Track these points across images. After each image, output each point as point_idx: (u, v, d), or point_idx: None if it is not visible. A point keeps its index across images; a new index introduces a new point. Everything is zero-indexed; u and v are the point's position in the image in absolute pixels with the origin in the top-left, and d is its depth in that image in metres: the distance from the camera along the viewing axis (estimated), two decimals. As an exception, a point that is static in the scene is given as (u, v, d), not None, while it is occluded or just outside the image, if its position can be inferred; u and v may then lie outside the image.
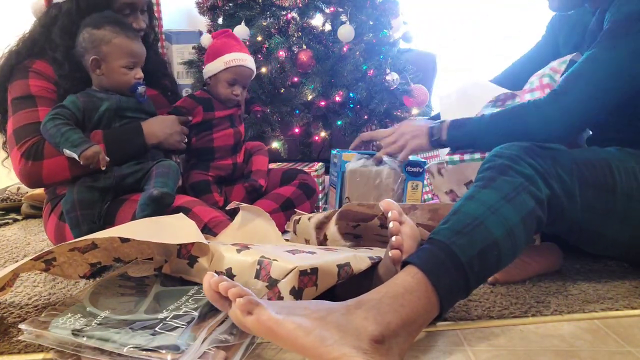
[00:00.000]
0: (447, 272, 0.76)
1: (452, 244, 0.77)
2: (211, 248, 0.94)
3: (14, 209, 2.11)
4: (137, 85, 1.27)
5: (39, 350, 0.84)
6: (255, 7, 1.88)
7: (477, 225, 0.80)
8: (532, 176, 0.88)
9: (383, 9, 1.93)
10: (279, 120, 1.81)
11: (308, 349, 0.66)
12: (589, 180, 0.95)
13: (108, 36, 1.23)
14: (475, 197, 0.85)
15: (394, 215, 0.84)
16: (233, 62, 1.46)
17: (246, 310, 0.69)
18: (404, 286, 0.74)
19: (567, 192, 0.92)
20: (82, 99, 1.23)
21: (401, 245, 0.82)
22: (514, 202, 0.84)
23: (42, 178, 1.23)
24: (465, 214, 0.82)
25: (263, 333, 0.69)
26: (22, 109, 1.27)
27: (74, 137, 1.16)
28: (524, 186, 0.86)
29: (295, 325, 0.67)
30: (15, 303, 1.05)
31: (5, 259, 1.42)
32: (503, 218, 0.82)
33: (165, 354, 0.73)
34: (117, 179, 1.24)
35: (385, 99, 1.85)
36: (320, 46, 1.85)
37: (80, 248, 1.01)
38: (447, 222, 0.82)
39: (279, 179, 1.59)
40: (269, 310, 0.69)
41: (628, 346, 0.81)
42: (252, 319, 0.68)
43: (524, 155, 0.90)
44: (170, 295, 0.91)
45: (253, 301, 0.69)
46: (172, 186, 1.22)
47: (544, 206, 0.88)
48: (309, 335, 0.66)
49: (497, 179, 0.87)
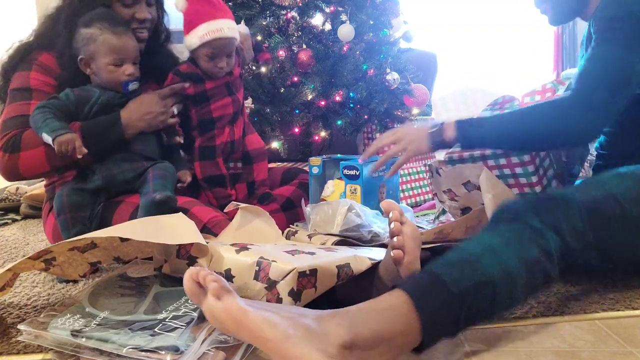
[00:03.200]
0: (432, 298, 0.73)
1: (442, 273, 0.75)
2: (210, 248, 0.94)
3: (13, 209, 2.11)
4: (128, 82, 1.24)
5: (38, 350, 0.84)
6: (255, 7, 1.88)
7: (473, 262, 0.77)
8: (539, 229, 0.84)
9: (383, 8, 1.92)
10: (279, 120, 1.81)
11: (271, 342, 0.63)
12: (601, 223, 0.92)
13: (95, 34, 1.22)
14: (476, 239, 0.83)
15: (395, 215, 0.83)
16: (207, 35, 1.31)
17: (216, 294, 0.67)
18: (385, 304, 0.72)
19: (580, 241, 0.89)
20: (76, 92, 1.23)
21: (403, 246, 0.82)
22: (515, 247, 0.81)
23: (19, 171, 1.22)
24: (462, 250, 0.80)
25: (229, 322, 0.66)
26: (17, 100, 1.27)
27: (54, 123, 1.14)
28: (529, 236, 0.83)
29: (262, 318, 0.65)
30: (15, 303, 1.05)
31: (4, 259, 1.42)
32: (501, 259, 0.78)
33: (165, 354, 0.73)
34: (106, 178, 1.23)
35: (385, 99, 1.85)
36: (320, 46, 1.85)
37: (79, 247, 1.01)
38: (442, 257, 0.80)
39: (279, 179, 1.59)
40: (238, 300, 0.67)
41: (629, 347, 0.81)
42: (220, 305, 0.66)
43: (532, 209, 0.87)
44: (170, 295, 0.91)
45: (225, 287, 0.67)
46: (170, 188, 1.21)
47: (553, 259, 0.84)
48: (274, 328, 0.64)
49: (501, 227, 0.84)
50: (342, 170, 1.39)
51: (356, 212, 1.18)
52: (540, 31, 3.24)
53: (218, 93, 1.41)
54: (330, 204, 1.24)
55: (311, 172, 1.48)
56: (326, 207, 1.23)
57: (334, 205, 1.21)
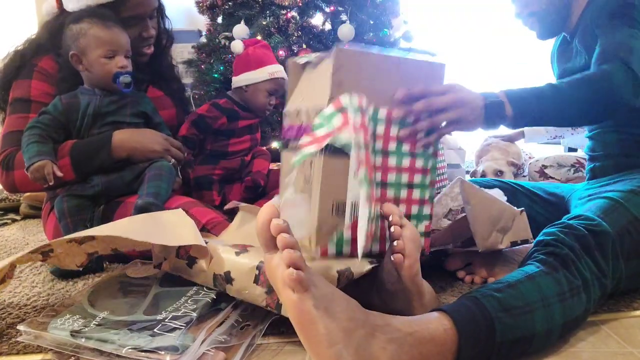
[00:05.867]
0: (477, 343, 0.72)
1: (497, 319, 0.74)
2: (210, 249, 0.93)
3: (13, 209, 2.11)
4: (119, 74, 1.22)
5: (37, 351, 0.84)
6: (254, 6, 1.88)
7: (527, 312, 0.77)
8: (588, 281, 0.84)
9: (383, 8, 1.92)
10: (279, 120, 1.81)
11: (321, 357, 0.66)
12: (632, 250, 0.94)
13: (85, 28, 1.22)
14: (537, 280, 0.82)
15: (395, 219, 0.83)
16: (277, 74, 1.49)
17: (292, 287, 0.67)
18: (433, 336, 0.71)
19: (615, 277, 0.91)
20: (64, 101, 1.23)
21: (403, 250, 0.81)
22: (565, 303, 0.80)
23: (17, 187, 1.27)
24: (520, 293, 0.79)
25: (292, 315, 0.68)
26: (16, 112, 1.29)
27: (33, 149, 1.15)
28: (579, 291, 0.83)
29: (325, 331, 0.66)
30: (14, 304, 1.05)
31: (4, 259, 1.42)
32: (550, 316, 0.78)
33: (164, 355, 0.73)
34: (105, 184, 1.23)
35: (385, 99, 1.85)
36: (320, 45, 1.84)
37: (77, 239, 1.01)
38: (500, 290, 0.79)
39: (279, 180, 1.59)
40: (311, 302, 0.66)
41: (629, 347, 0.81)
42: (292, 298, 0.67)
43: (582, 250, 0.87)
44: (169, 296, 0.90)
45: (304, 283, 0.66)
46: (166, 189, 1.21)
47: (588, 314, 0.86)
48: (331, 348, 0.65)
49: (559, 270, 0.83)
50: None
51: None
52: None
53: (242, 132, 1.51)
54: None
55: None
56: None
57: None
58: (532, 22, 1.30)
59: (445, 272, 1.15)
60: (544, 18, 1.27)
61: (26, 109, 1.28)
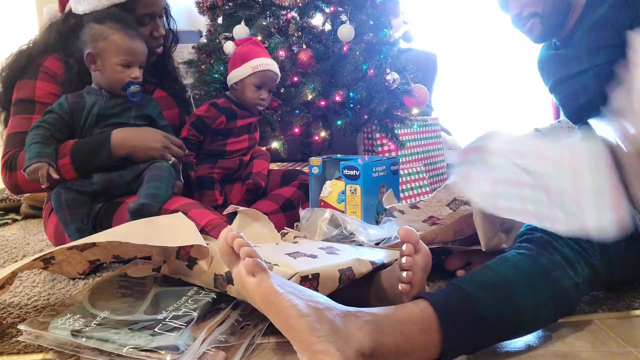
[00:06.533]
0: (459, 319, 0.72)
1: (472, 294, 0.74)
2: (211, 250, 0.94)
3: (13, 209, 2.11)
4: (130, 84, 1.23)
5: (38, 350, 0.84)
6: (255, 7, 1.88)
7: (505, 286, 0.77)
8: (569, 257, 0.84)
9: (383, 8, 1.92)
10: (279, 120, 1.81)
11: (295, 331, 0.65)
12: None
13: (106, 32, 1.22)
14: (511, 260, 0.82)
15: (409, 249, 0.81)
16: (260, 66, 1.49)
17: (251, 271, 0.70)
18: (410, 315, 0.72)
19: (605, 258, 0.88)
20: (70, 100, 1.23)
21: (412, 280, 0.80)
22: (548, 275, 0.80)
23: (20, 187, 1.28)
24: (495, 272, 0.79)
25: (259, 299, 0.69)
26: (20, 113, 1.29)
27: (33, 150, 1.15)
28: (561, 265, 0.82)
29: (292, 304, 0.66)
30: (15, 303, 1.05)
31: (4, 259, 1.42)
32: (534, 289, 0.78)
33: (165, 354, 0.73)
34: (105, 183, 1.23)
35: (385, 99, 1.84)
36: (320, 46, 1.84)
37: (78, 246, 1.01)
38: (474, 274, 0.80)
39: (279, 180, 1.59)
40: (273, 281, 0.69)
41: (629, 347, 0.81)
42: (253, 281, 0.69)
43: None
44: (170, 295, 0.91)
45: (260, 265, 0.70)
46: (165, 189, 1.21)
47: (580, 288, 0.84)
48: (301, 318, 0.65)
49: (534, 250, 0.83)
50: (342, 170, 1.39)
51: (335, 223, 1.22)
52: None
53: (240, 131, 1.51)
54: (316, 212, 1.27)
55: (311, 172, 1.48)
56: (315, 215, 1.26)
57: (319, 213, 1.26)
58: (532, 23, 1.28)
59: (445, 272, 1.15)
60: (547, 19, 1.26)
61: (30, 110, 1.29)
